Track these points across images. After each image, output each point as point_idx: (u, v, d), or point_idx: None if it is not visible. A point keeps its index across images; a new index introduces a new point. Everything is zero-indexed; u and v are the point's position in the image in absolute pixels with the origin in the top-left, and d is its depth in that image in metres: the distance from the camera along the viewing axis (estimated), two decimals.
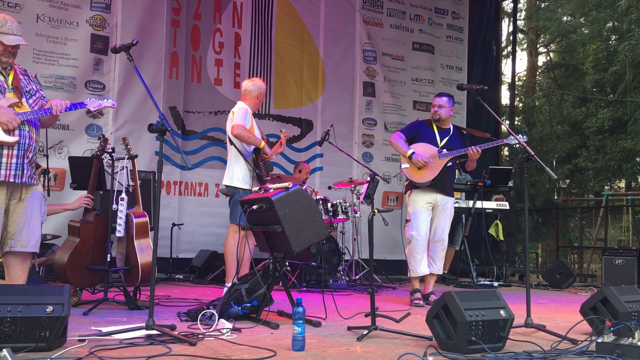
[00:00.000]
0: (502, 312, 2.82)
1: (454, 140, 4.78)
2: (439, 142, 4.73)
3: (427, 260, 4.72)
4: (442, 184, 4.70)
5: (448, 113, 4.80)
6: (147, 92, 3.24)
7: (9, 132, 3.22)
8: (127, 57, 3.18)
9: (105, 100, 3.53)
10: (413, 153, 4.64)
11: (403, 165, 4.66)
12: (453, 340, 2.73)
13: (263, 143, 4.75)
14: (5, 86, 3.33)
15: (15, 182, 3.29)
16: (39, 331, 2.53)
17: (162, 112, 3.21)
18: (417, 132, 4.79)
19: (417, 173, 4.66)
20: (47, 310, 2.55)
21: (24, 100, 3.36)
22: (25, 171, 3.32)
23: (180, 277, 6.39)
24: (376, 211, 3.22)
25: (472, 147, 4.59)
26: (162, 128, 3.04)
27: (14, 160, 3.26)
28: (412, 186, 4.73)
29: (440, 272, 4.90)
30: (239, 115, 4.70)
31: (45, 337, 2.54)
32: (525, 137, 4.18)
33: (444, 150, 4.67)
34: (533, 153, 3.35)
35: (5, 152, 3.24)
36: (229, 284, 4.26)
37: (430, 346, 2.78)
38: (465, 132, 4.97)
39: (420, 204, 4.69)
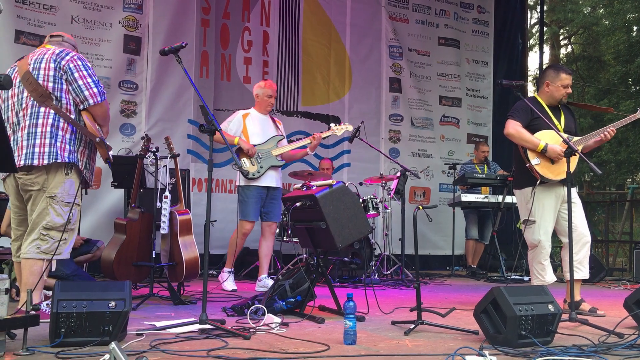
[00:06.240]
0: (550, 306, 2.85)
1: (569, 119, 4.13)
2: (558, 124, 3.98)
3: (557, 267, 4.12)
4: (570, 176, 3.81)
5: None
6: (196, 92, 3.31)
7: None
8: (176, 59, 3.25)
9: None
10: (547, 145, 3.88)
11: (533, 162, 3.92)
12: (502, 335, 2.77)
13: (236, 139, 5.10)
14: None
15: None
16: (102, 326, 2.62)
17: (212, 113, 3.27)
18: (530, 117, 4.00)
19: (553, 169, 3.90)
20: (110, 305, 2.64)
21: None
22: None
23: (214, 272, 6.49)
24: (421, 207, 3.26)
25: (607, 128, 3.94)
26: (212, 128, 3.11)
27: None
28: (534, 181, 3.96)
29: (587, 276, 4.08)
30: (225, 120, 5.32)
31: (108, 331, 2.63)
32: None
33: (573, 136, 3.96)
34: (576, 148, 3.37)
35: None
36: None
37: (485, 340, 2.82)
38: (571, 107, 4.29)
39: (549, 202, 3.97)
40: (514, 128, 3.97)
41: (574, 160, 3.77)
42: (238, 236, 5.15)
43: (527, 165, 3.95)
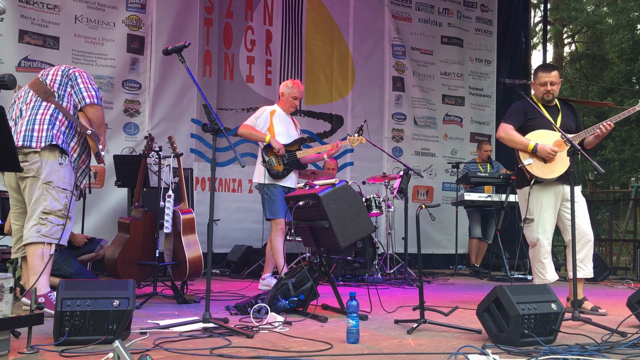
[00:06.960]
0: (553, 305, 2.84)
1: (568, 117, 4.10)
2: (554, 123, 3.93)
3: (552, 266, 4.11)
4: (568, 173, 3.74)
5: (558, 89, 4.10)
6: (199, 91, 3.32)
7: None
8: (179, 58, 3.25)
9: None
10: (537, 145, 3.91)
11: (525, 162, 3.95)
12: (505, 334, 2.77)
13: (268, 137, 5.01)
14: None
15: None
16: (106, 324, 2.63)
17: (215, 113, 3.28)
18: (525, 118, 4.05)
19: (545, 168, 3.92)
20: (113, 304, 2.65)
21: None
22: None
23: (217, 271, 6.52)
24: (423, 206, 3.26)
25: (604, 122, 3.88)
26: (215, 127, 3.12)
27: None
28: (531, 181, 3.98)
29: (591, 275, 4.09)
30: (252, 115, 5.22)
31: (112, 329, 2.64)
32: None
33: (568, 134, 3.86)
34: (579, 147, 3.36)
35: None
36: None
37: (487, 339, 2.82)
38: (572, 104, 4.26)
39: (547, 201, 3.97)
40: (504, 131, 4.05)
41: (566, 158, 3.71)
42: (278, 235, 4.90)
43: (519, 165, 4.01)
